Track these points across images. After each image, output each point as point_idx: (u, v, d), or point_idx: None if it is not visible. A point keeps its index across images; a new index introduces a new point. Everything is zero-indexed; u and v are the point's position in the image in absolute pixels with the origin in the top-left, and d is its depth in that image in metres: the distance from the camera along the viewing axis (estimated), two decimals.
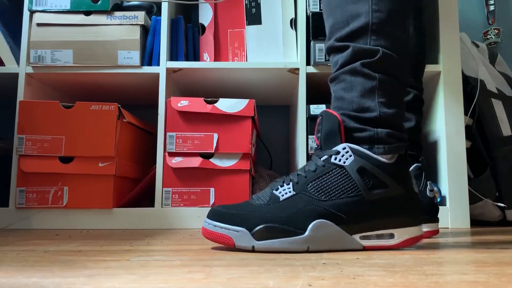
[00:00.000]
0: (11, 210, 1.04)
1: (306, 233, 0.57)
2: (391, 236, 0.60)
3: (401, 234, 0.60)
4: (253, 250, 0.57)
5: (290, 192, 0.60)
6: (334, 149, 0.61)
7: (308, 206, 0.58)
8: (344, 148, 0.60)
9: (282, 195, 0.60)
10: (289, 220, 0.58)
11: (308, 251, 0.57)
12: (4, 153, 1.24)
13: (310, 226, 0.57)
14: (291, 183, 0.61)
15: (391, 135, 0.62)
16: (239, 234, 0.58)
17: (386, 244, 0.60)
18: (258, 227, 0.57)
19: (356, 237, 0.59)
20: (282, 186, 0.61)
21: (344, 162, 0.60)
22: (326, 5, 0.70)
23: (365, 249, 0.59)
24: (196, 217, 1.05)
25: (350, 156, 0.60)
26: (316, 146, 0.65)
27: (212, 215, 0.61)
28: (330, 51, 0.68)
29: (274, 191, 0.61)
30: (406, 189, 0.61)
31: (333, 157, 0.60)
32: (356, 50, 0.64)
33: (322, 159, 0.61)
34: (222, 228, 0.59)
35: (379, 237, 0.60)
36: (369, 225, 0.59)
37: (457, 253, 0.57)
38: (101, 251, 0.60)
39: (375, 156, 0.60)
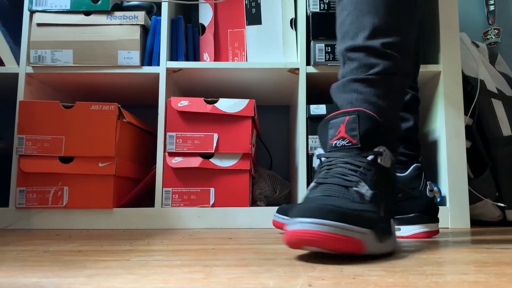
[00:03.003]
0: (11, 210, 1.04)
1: (392, 231, 0.57)
2: (398, 230, 0.69)
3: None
4: (374, 255, 0.51)
5: (370, 190, 0.56)
6: (376, 150, 0.60)
7: (384, 205, 0.56)
8: (384, 150, 0.60)
9: (366, 194, 0.55)
10: (386, 220, 0.55)
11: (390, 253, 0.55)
12: (4, 153, 1.25)
13: (391, 224, 0.57)
14: (363, 182, 0.56)
15: (397, 147, 0.68)
16: (368, 237, 0.49)
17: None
18: (377, 228, 0.51)
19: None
20: (358, 183, 0.56)
21: (387, 164, 0.60)
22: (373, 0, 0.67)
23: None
24: (196, 217, 1.05)
25: (389, 158, 0.60)
26: (348, 144, 0.60)
27: (333, 215, 0.47)
28: (369, 51, 0.66)
29: (355, 188, 0.55)
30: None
31: (379, 158, 0.59)
32: (403, 65, 0.66)
33: (368, 158, 0.59)
34: (349, 230, 0.47)
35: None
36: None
37: (457, 253, 0.57)
38: (101, 251, 0.60)
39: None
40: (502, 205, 1.11)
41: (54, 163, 1.04)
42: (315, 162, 0.65)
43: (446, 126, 1.09)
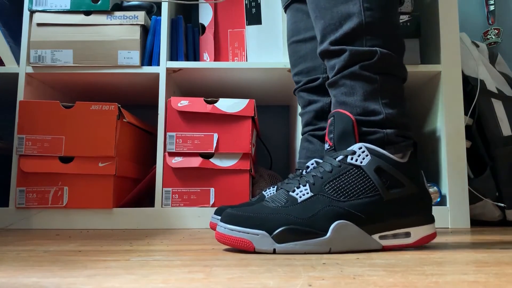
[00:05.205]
0: (11, 210, 1.04)
1: (328, 234, 0.56)
2: (407, 235, 0.60)
3: (416, 233, 0.60)
4: (274, 253, 0.56)
5: (308, 193, 0.59)
6: (349, 149, 0.60)
7: (328, 207, 0.58)
8: (360, 148, 0.60)
9: (300, 197, 0.59)
10: (310, 222, 0.57)
11: (329, 253, 0.57)
12: (4, 153, 1.24)
13: (332, 227, 0.57)
14: (307, 184, 0.60)
15: (398, 134, 0.62)
16: (259, 238, 0.56)
17: (404, 243, 0.60)
18: (279, 230, 0.56)
19: (376, 237, 0.59)
20: (298, 187, 0.60)
21: (361, 162, 0.59)
22: (314, 7, 0.68)
23: (384, 249, 0.59)
24: (196, 217, 1.05)
25: (367, 156, 0.60)
26: (328, 147, 0.63)
27: (228, 219, 0.58)
28: (325, 55, 0.67)
29: (290, 193, 0.60)
30: (419, 187, 0.62)
31: (349, 157, 0.60)
32: (353, 53, 0.63)
33: (337, 159, 0.60)
34: (240, 232, 0.57)
35: (395, 236, 0.60)
36: (386, 224, 0.59)
37: (457, 253, 0.57)
38: (101, 251, 0.60)
39: (391, 155, 0.60)
40: (502, 205, 1.11)
41: (54, 163, 1.04)
42: None
43: (446, 126, 1.09)
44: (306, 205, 0.58)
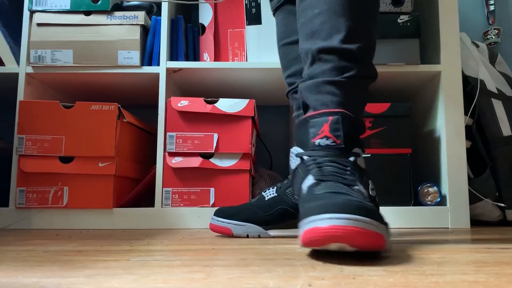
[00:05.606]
0: (11, 210, 1.04)
1: None
2: None
3: None
4: (374, 255, 0.52)
5: (364, 189, 0.57)
6: (354, 151, 0.61)
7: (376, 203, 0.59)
8: (360, 152, 0.62)
9: (365, 192, 0.56)
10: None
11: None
12: (4, 153, 1.24)
13: None
14: (357, 181, 0.57)
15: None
16: (387, 233, 0.49)
17: None
18: (388, 225, 0.51)
19: None
20: (355, 181, 0.57)
21: (363, 165, 0.62)
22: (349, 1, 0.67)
23: None
24: (196, 217, 1.05)
25: (363, 159, 0.62)
26: (333, 144, 0.61)
27: (358, 211, 0.45)
28: (344, 53, 0.66)
29: (355, 187, 0.55)
30: None
31: (358, 159, 0.61)
32: (372, 68, 0.69)
33: (351, 159, 0.60)
34: (376, 226, 0.46)
35: None
36: None
37: (457, 253, 0.57)
38: (101, 251, 0.60)
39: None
40: (502, 205, 1.11)
41: (54, 163, 1.04)
42: (295, 161, 0.64)
43: (446, 126, 1.09)
44: (372, 200, 0.57)
